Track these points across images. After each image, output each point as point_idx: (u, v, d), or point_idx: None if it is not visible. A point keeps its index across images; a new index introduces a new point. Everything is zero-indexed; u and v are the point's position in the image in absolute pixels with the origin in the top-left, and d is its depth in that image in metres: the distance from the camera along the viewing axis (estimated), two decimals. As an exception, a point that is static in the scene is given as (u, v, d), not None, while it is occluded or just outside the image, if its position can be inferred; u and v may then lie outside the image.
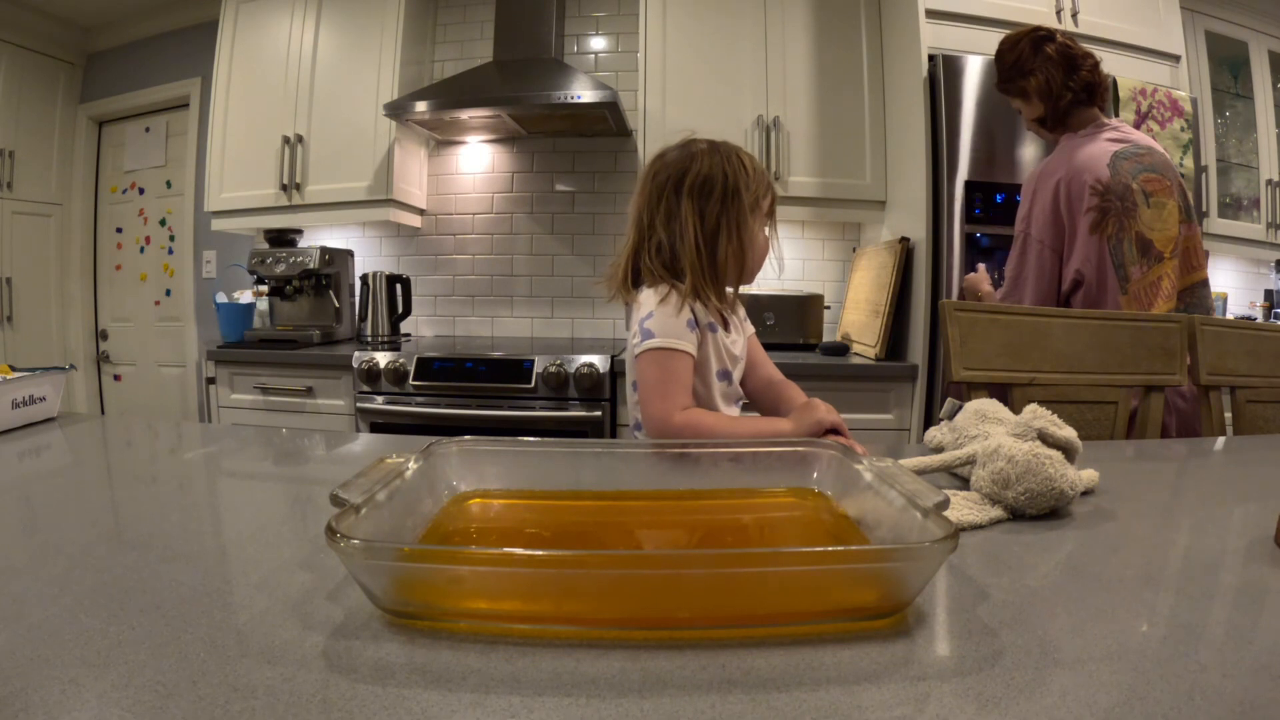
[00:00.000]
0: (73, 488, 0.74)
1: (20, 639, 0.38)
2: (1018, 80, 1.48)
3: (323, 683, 0.35)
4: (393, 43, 2.52)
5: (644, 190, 1.02)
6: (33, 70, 3.09)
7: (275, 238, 2.68)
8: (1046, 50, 1.44)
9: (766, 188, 1.02)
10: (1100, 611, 0.44)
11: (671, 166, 1.00)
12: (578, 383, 2.08)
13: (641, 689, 0.35)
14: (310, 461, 0.91)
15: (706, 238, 0.97)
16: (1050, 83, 1.43)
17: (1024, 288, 1.42)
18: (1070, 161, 1.40)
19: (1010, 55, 1.48)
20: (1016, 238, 1.45)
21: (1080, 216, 1.37)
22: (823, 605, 0.43)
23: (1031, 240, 1.42)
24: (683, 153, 1.00)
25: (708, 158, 0.98)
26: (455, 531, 0.55)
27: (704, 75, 2.39)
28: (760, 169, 1.02)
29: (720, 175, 0.97)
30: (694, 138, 1.04)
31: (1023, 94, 1.49)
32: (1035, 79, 1.45)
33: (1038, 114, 1.49)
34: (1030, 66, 1.45)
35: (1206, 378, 1.30)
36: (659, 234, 0.99)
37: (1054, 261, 1.40)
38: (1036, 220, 1.41)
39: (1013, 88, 1.51)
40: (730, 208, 0.97)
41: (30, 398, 0.99)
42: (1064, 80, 1.43)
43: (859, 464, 0.57)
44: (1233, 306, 3.10)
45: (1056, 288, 1.41)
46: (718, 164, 0.98)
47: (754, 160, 1.02)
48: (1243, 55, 2.85)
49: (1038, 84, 1.45)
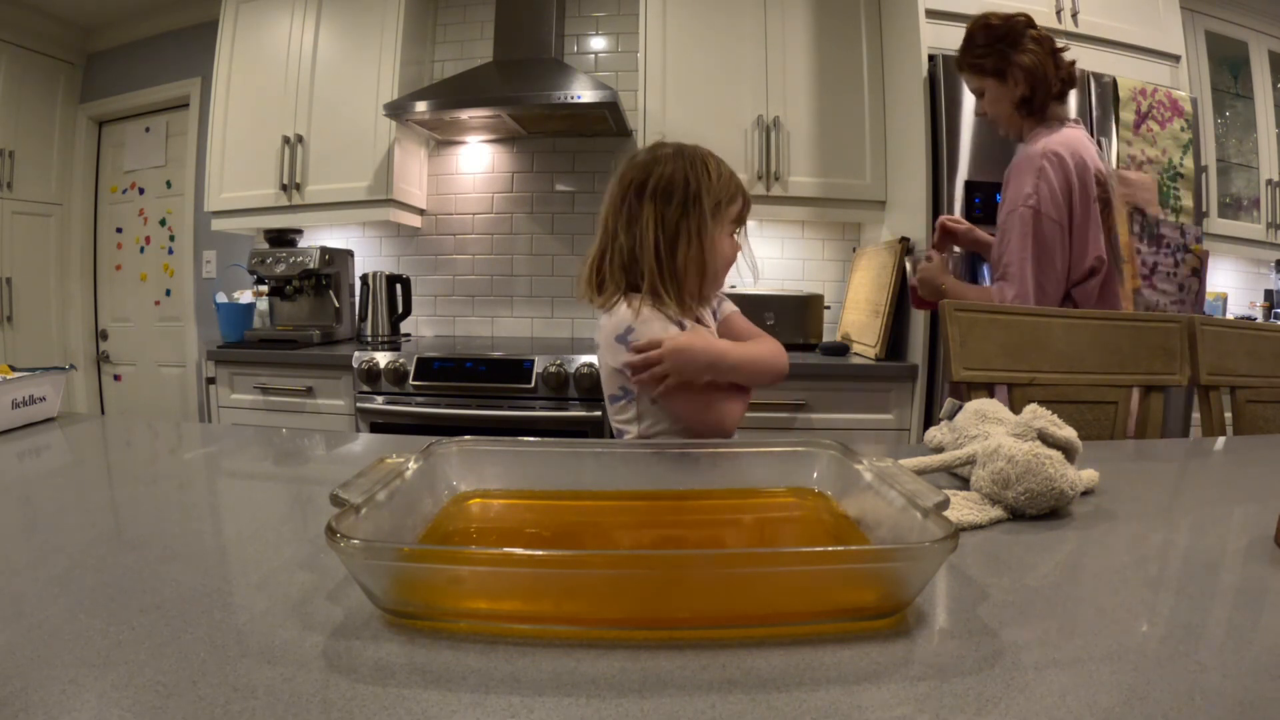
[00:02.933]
0: (73, 488, 0.74)
1: (20, 639, 0.38)
2: (1007, 54, 1.37)
3: (323, 683, 0.35)
4: (393, 43, 2.52)
5: (610, 193, 1.02)
6: (33, 70, 3.09)
7: (275, 238, 2.68)
8: (1034, 34, 1.38)
9: (732, 194, 1.01)
10: (1100, 611, 0.44)
11: (636, 170, 1.00)
12: (578, 383, 2.08)
13: (641, 689, 0.35)
14: (310, 461, 0.91)
15: (666, 242, 0.97)
16: (1042, 65, 1.36)
17: (1046, 268, 1.33)
18: (1070, 145, 1.34)
19: (1001, 27, 1.38)
20: (1017, 217, 1.35)
21: (1092, 202, 1.33)
22: (823, 605, 0.43)
23: (1045, 218, 1.32)
24: (648, 156, 1.01)
25: (671, 162, 0.98)
26: (455, 531, 0.55)
27: (704, 75, 2.39)
28: (727, 175, 1.01)
29: (681, 180, 0.97)
30: (664, 142, 1.04)
31: (1002, 73, 1.39)
32: (1027, 57, 1.36)
33: (1019, 96, 1.39)
34: (1022, 44, 1.37)
35: (1206, 378, 1.30)
36: (620, 238, 0.99)
37: (1066, 242, 1.34)
38: (1047, 199, 1.32)
39: (991, 64, 1.40)
40: (691, 212, 0.97)
41: (30, 398, 0.99)
42: (1053, 67, 1.37)
43: (859, 464, 0.57)
44: (1233, 306, 3.10)
45: (1068, 271, 1.35)
46: (680, 168, 0.98)
47: (722, 166, 1.01)
48: (1243, 55, 2.85)
49: (1030, 63, 1.36)
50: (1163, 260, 2.12)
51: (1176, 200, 2.14)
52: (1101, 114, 2.07)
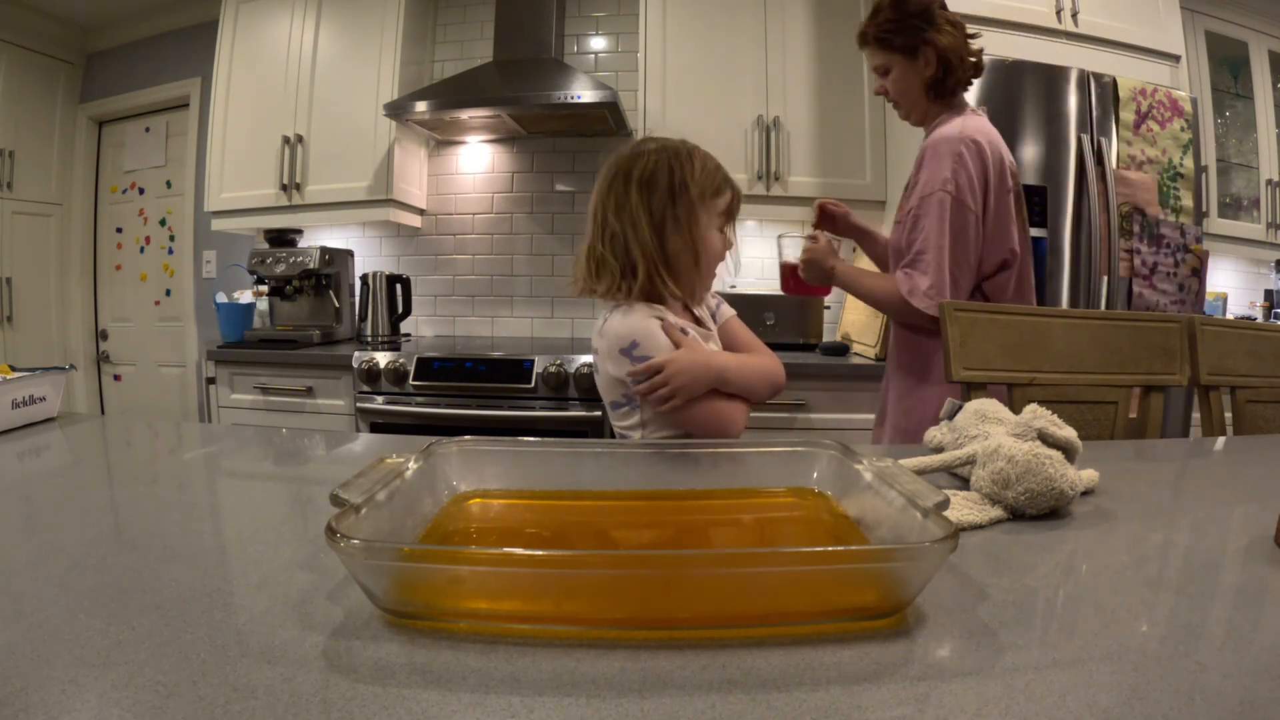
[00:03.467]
0: (73, 488, 0.74)
1: (20, 639, 0.38)
2: (922, 32, 1.29)
3: (323, 683, 0.35)
4: (393, 43, 2.52)
5: (597, 186, 1.02)
6: (33, 70, 3.09)
7: (275, 238, 2.69)
8: (946, 15, 1.30)
9: (718, 186, 1.00)
10: (1100, 611, 0.44)
11: (622, 161, 1.00)
12: (578, 383, 2.08)
13: (641, 689, 0.35)
14: (310, 461, 0.91)
15: (654, 230, 0.97)
16: (957, 48, 1.29)
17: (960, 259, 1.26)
18: (986, 134, 1.29)
19: (916, 3, 1.29)
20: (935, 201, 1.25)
21: (1006, 194, 1.29)
22: (823, 605, 0.43)
23: (965, 207, 1.24)
24: (633, 150, 1.01)
25: (654, 155, 0.99)
26: (455, 531, 0.55)
27: (704, 75, 2.39)
28: (713, 167, 1.01)
29: (666, 169, 0.97)
30: (650, 137, 1.05)
31: (914, 51, 1.30)
32: (945, 38, 1.28)
33: (929, 77, 1.31)
34: (937, 23, 1.29)
35: (1206, 378, 1.30)
36: (611, 224, 0.99)
37: (980, 234, 1.27)
38: (965, 187, 1.24)
39: (902, 40, 1.31)
40: (678, 202, 0.97)
41: (30, 398, 0.99)
42: (967, 52, 1.31)
43: (859, 464, 0.57)
44: (1233, 306, 3.10)
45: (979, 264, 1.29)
46: (663, 160, 0.98)
47: (708, 159, 1.01)
48: (1243, 55, 2.85)
49: (947, 44, 1.28)
50: (1163, 260, 2.12)
51: (1176, 200, 2.15)
52: (1101, 114, 2.07)
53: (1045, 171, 2.02)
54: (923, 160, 1.30)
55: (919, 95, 1.34)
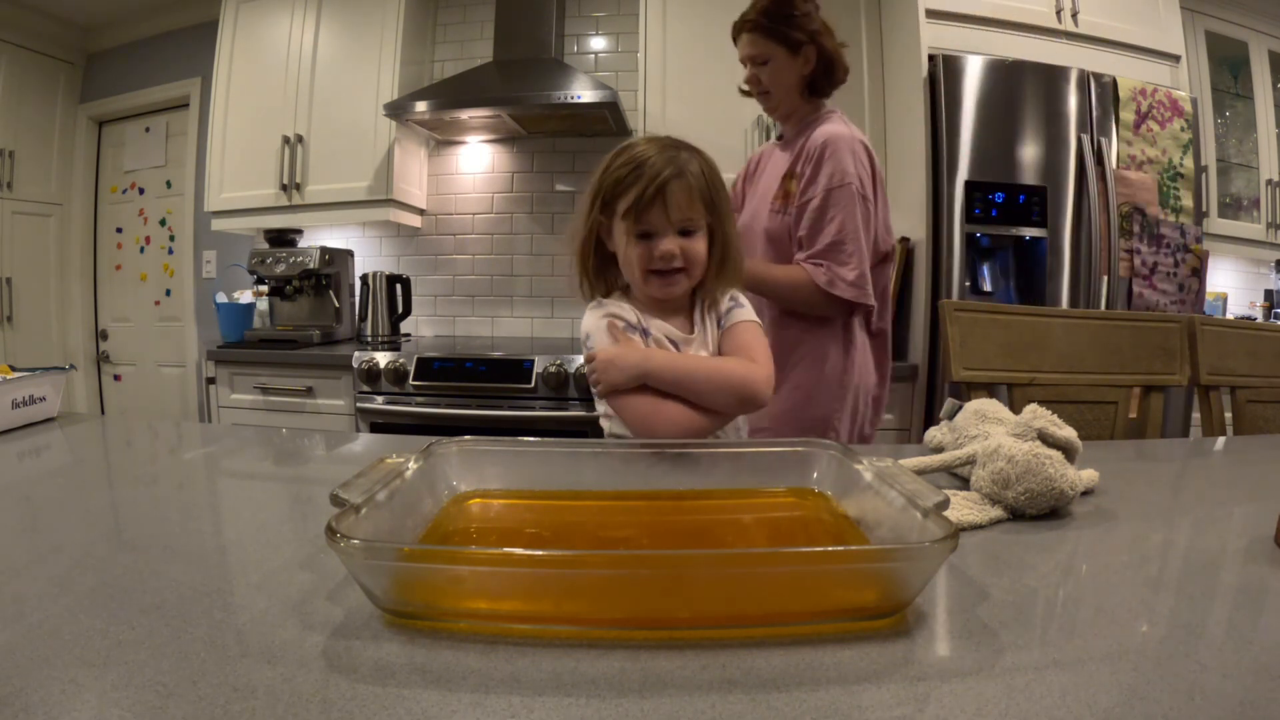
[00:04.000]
0: (73, 488, 0.74)
1: (20, 639, 0.38)
2: (804, 27, 1.30)
3: (323, 683, 0.35)
4: (393, 43, 2.52)
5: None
6: (33, 70, 3.09)
7: (275, 238, 2.69)
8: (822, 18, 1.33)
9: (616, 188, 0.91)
10: (1100, 611, 0.44)
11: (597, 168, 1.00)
12: (578, 383, 2.08)
13: (641, 689, 0.35)
14: (310, 461, 0.91)
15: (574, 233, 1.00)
16: (836, 51, 1.32)
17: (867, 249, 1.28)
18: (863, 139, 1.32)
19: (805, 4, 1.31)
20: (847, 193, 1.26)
21: (881, 189, 1.32)
22: (823, 605, 0.43)
23: (868, 200, 1.27)
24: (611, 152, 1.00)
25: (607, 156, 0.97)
26: (455, 531, 0.55)
27: (704, 75, 2.39)
28: (619, 164, 0.92)
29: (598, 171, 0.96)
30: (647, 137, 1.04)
31: (796, 46, 1.31)
32: (829, 40, 1.32)
33: (807, 74, 1.33)
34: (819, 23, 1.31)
35: (1206, 378, 1.30)
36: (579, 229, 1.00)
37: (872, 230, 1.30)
38: (866, 182, 1.27)
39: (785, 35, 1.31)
40: (591, 207, 0.97)
41: (30, 398, 0.99)
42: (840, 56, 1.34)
43: (859, 464, 0.57)
44: (1233, 306, 3.10)
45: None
46: (602, 162, 0.97)
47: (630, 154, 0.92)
48: (1243, 55, 2.85)
49: (831, 47, 1.32)
50: (1163, 260, 2.12)
51: (1176, 200, 2.15)
52: (1101, 114, 2.07)
53: (1045, 171, 2.03)
54: (822, 154, 1.30)
55: (792, 91, 1.36)
